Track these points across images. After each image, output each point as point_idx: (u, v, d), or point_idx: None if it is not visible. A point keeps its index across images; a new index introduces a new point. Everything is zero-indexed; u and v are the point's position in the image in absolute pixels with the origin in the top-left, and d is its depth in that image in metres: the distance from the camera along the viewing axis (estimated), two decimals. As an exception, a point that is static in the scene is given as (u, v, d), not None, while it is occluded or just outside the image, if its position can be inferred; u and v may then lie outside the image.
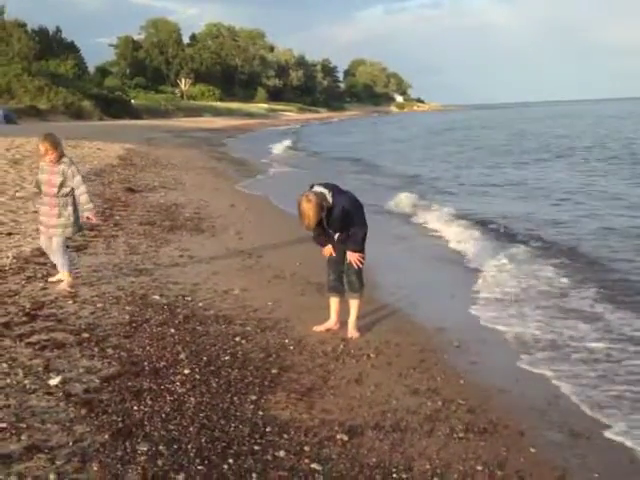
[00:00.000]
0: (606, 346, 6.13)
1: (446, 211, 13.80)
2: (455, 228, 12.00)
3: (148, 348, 5.59)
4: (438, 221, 12.92)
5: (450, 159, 29.68)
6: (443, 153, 33.63)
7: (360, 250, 6.15)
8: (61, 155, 7.27)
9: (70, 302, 6.80)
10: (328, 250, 6.29)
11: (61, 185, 7.20)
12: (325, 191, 5.88)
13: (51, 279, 7.52)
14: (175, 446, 3.96)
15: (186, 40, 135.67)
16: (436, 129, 64.44)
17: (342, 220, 5.97)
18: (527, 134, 48.09)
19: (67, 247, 7.72)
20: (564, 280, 8.34)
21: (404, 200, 15.59)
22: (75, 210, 7.39)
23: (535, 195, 17.16)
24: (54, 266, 7.57)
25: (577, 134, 44.53)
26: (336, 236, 6.19)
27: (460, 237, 11.24)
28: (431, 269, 9.58)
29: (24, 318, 6.20)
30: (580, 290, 7.91)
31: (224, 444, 4.03)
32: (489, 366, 5.77)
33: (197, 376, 5.05)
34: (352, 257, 6.15)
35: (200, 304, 6.97)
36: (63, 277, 7.36)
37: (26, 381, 4.77)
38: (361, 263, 6.19)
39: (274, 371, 5.25)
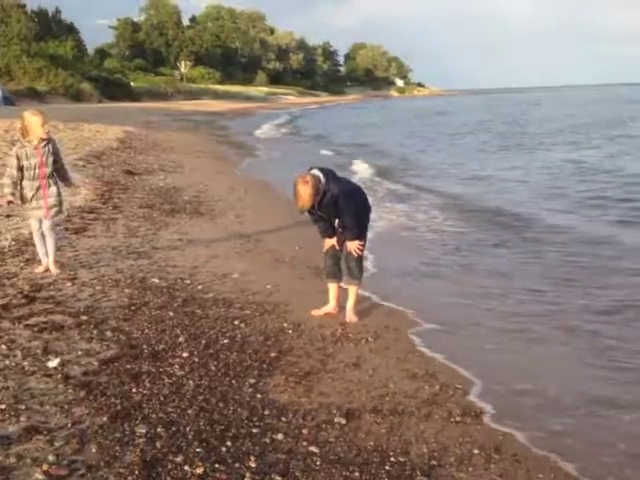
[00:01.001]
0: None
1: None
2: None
3: (147, 331, 5.60)
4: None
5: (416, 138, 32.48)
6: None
7: (358, 238, 6.13)
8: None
9: (69, 284, 6.79)
10: (330, 242, 6.28)
11: (54, 162, 7.11)
12: (321, 175, 5.86)
13: (38, 269, 7.17)
14: (173, 428, 3.97)
15: (186, 22, 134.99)
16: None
17: (333, 206, 5.93)
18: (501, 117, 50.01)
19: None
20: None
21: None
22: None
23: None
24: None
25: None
26: (336, 222, 6.19)
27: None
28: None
29: (23, 300, 6.20)
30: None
31: (222, 427, 4.04)
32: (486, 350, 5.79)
33: (196, 359, 5.05)
34: (351, 246, 6.13)
35: (199, 287, 6.97)
36: (51, 259, 7.20)
37: (25, 363, 4.78)
38: (360, 251, 6.18)
39: (273, 354, 5.26)
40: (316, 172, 5.88)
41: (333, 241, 6.26)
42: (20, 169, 6.99)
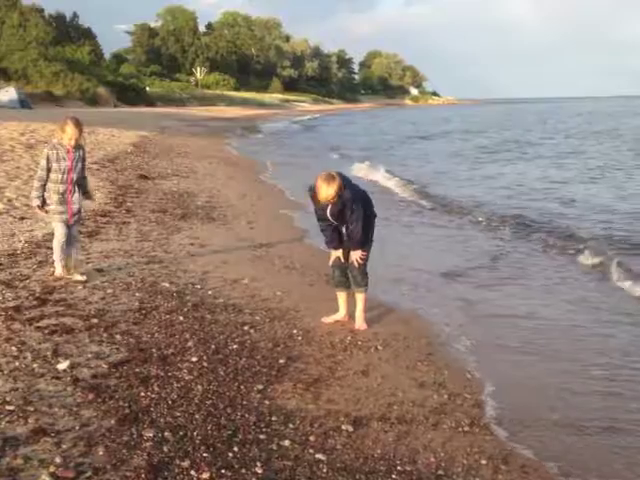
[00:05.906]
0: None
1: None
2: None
3: (156, 335, 5.61)
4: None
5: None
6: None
7: (361, 247, 6.11)
8: None
9: (80, 287, 6.83)
10: (335, 254, 6.28)
11: (82, 169, 7.16)
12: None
13: (57, 274, 7.06)
14: (181, 433, 3.97)
15: (202, 29, 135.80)
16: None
17: (340, 211, 5.95)
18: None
19: None
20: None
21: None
22: None
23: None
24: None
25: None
26: (344, 229, 6.18)
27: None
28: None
29: (34, 302, 6.23)
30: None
31: (230, 432, 4.04)
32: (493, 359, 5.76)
33: (205, 364, 5.06)
34: (354, 255, 6.13)
35: (209, 292, 6.98)
36: (72, 264, 7.22)
37: (34, 365, 4.80)
38: (363, 260, 6.15)
39: (281, 361, 5.26)
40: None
41: (339, 253, 6.26)
42: (48, 171, 6.95)
